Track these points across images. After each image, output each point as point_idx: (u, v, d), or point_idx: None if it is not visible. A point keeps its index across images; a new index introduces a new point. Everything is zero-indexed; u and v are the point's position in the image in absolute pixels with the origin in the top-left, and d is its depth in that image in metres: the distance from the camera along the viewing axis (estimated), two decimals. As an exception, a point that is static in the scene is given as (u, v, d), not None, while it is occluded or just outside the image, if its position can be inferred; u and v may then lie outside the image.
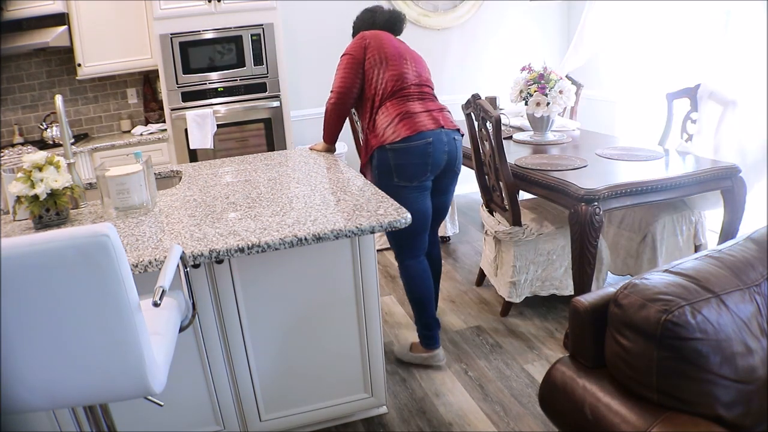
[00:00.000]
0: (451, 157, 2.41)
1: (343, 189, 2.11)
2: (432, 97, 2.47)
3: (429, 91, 2.48)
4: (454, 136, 2.41)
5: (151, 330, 1.29)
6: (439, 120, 2.36)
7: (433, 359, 2.56)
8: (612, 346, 1.40)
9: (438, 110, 2.41)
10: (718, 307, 1.32)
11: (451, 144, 2.38)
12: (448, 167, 2.44)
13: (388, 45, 2.43)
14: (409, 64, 2.44)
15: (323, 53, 4.38)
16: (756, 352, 1.34)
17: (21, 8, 3.58)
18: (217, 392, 2.00)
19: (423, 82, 2.46)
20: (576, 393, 1.44)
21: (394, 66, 2.40)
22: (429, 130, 2.31)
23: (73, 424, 1.77)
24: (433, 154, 2.33)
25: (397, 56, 2.42)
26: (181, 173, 2.57)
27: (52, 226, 1.94)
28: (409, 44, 2.57)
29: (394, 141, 2.30)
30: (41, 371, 1.17)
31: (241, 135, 3.95)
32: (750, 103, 3.02)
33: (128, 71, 4.00)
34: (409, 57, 2.47)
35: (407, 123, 2.31)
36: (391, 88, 2.38)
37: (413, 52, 2.53)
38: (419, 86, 2.43)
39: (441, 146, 2.34)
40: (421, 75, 2.47)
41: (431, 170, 2.37)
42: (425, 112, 2.36)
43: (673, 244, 2.90)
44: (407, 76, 2.41)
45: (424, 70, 2.51)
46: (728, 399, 1.29)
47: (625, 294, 1.38)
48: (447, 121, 2.39)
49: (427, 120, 2.34)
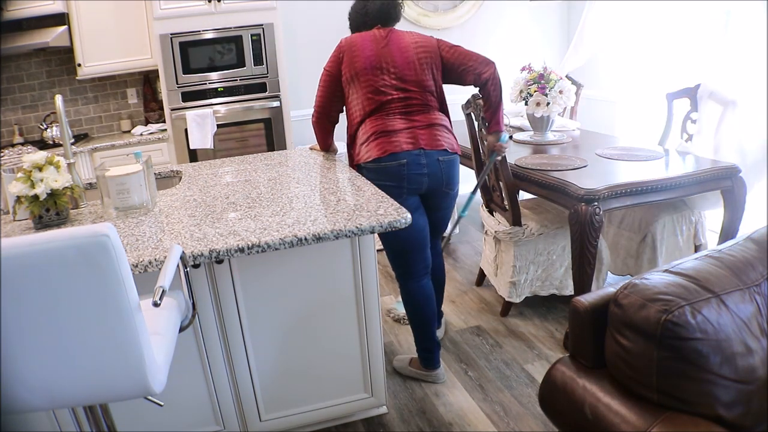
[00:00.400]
0: (434, 179, 2.24)
1: (343, 189, 2.11)
2: (421, 108, 2.26)
3: (418, 100, 2.26)
4: (439, 156, 2.21)
5: (151, 330, 1.29)
6: (419, 140, 2.19)
7: (431, 378, 2.47)
8: (612, 346, 1.40)
9: (424, 126, 2.23)
10: (718, 307, 1.32)
11: (433, 166, 2.21)
12: (433, 189, 2.28)
13: (360, 56, 2.25)
14: (385, 73, 2.23)
15: (323, 53, 4.31)
16: (756, 352, 1.34)
17: (21, 8, 3.58)
18: (217, 392, 2.00)
19: (410, 89, 2.25)
20: (576, 393, 1.44)
21: (366, 82, 2.23)
22: (403, 151, 2.17)
23: (73, 424, 1.77)
24: (408, 176, 2.19)
25: (368, 68, 2.23)
26: (181, 173, 2.57)
27: (52, 226, 1.94)
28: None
29: (366, 161, 2.22)
30: (41, 371, 1.17)
31: (241, 135, 3.95)
32: (750, 103, 3.01)
33: (128, 71, 4.00)
34: (391, 62, 2.24)
35: (380, 143, 2.19)
36: (370, 105, 2.24)
37: (405, 51, 2.27)
38: (405, 98, 2.24)
39: (418, 168, 2.19)
40: (408, 80, 2.24)
41: (408, 192, 2.23)
42: (406, 129, 2.20)
43: (673, 244, 2.90)
44: (385, 89, 2.23)
45: (417, 71, 2.25)
46: (728, 399, 1.29)
47: (625, 294, 1.38)
48: (431, 140, 2.21)
49: (404, 139, 2.18)
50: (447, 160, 2.24)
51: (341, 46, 2.32)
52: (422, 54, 2.28)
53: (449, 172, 2.27)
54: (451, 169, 2.28)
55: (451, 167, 2.28)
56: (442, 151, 2.22)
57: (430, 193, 2.30)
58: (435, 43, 2.32)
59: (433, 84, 2.29)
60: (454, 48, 2.31)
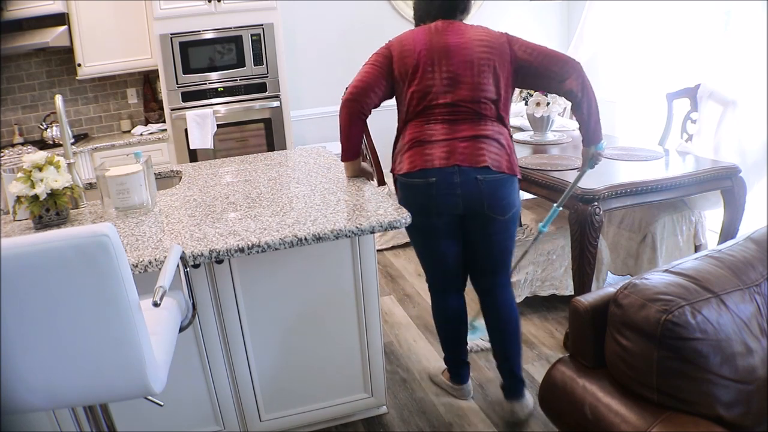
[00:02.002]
0: (471, 200, 1.93)
1: (343, 189, 2.11)
2: (470, 116, 1.94)
3: (468, 107, 1.94)
4: (478, 175, 1.90)
5: (151, 330, 1.29)
6: (456, 154, 1.90)
7: (456, 393, 2.36)
8: (612, 346, 1.40)
9: (467, 138, 1.92)
10: (718, 307, 1.32)
11: (469, 185, 1.90)
12: (473, 212, 1.97)
13: (410, 53, 1.96)
14: (436, 71, 1.93)
15: (323, 53, 4.38)
16: (756, 352, 1.34)
17: (21, 8, 3.58)
18: (217, 392, 2.00)
19: (461, 93, 1.93)
20: (576, 393, 1.44)
21: (414, 79, 1.95)
22: (434, 167, 1.90)
23: (73, 424, 1.77)
24: (437, 196, 1.93)
25: (419, 65, 1.94)
26: (181, 173, 2.57)
27: (52, 226, 1.94)
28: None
29: (398, 173, 2.01)
30: (41, 371, 1.17)
31: (241, 135, 3.95)
32: (750, 103, 3.01)
33: (128, 71, 4.00)
34: (444, 58, 1.93)
35: (413, 154, 1.95)
36: (414, 107, 1.97)
37: (464, 48, 1.94)
38: (453, 102, 1.93)
39: (449, 188, 1.91)
40: (461, 81, 1.92)
41: (437, 213, 1.97)
42: (444, 141, 1.92)
43: (673, 244, 2.90)
44: (432, 90, 1.94)
45: (474, 72, 1.92)
46: (728, 399, 1.29)
47: (625, 294, 1.38)
48: (470, 156, 1.90)
49: (439, 153, 1.91)
50: (489, 179, 1.91)
51: (389, 44, 2.04)
52: (485, 53, 1.94)
53: (494, 194, 1.93)
54: (496, 190, 1.93)
55: (497, 188, 1.93)
56: (483, 169, 1.90)
57: (470, 216, 1.99)
58: (505, 41, 1.97)
59: (493, 89, 1.94)
60: (532, 48, 1.95)
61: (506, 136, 2.00)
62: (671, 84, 3.43)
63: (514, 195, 1.99)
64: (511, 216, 2.01)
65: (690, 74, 3.51)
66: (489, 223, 1.99)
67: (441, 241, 2.05)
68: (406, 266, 3.66)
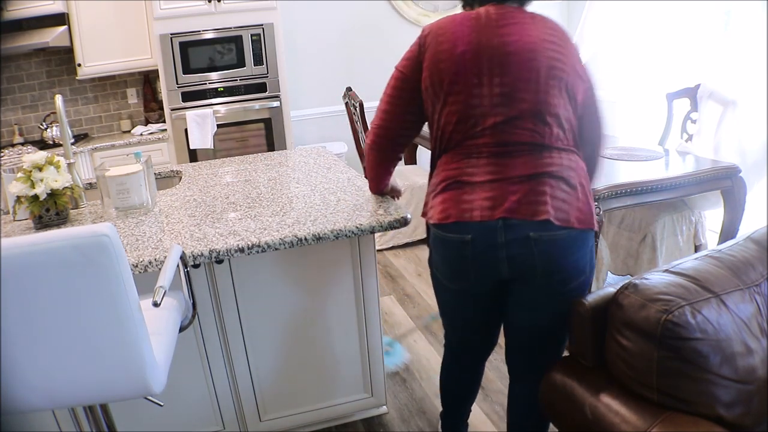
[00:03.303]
0: (519, 265, 1.43)
1: (343, 189, 2.11)
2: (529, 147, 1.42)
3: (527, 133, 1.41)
4: (531, 232, 1.39)
5: (151, 330, 1.29)
6: (503, 202, 1.39)
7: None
8: (612, 346, 1.40)
9: (521, 179, 1.40)
10: (718, 307, 1.32)
11: (518, 246, 1.40)
12: (521, 277, 1.47)
13: (448, 50, 1.42)
14: (484, 80, 1.40)
15: (323, 53, 4.38)
16: (756, 352, 1.34)
17: (21, 8, 3.58)
18: (217, 392, 2.00)
19: (518, 114, 1.40)
20: (576, 393, 1.44)
21: (452, 92, 1.43)
22: (472, 220, 1.41)
23: (73, 424, 1.77)
24: (473, 259, 1.45)
25: (460, 71, 1.41)
26: (181, 173, 2.57)
27: (52, 226, 1.94)
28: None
29: (429, 220, 1.54)
30: (41, 371, 1.17)
31: (241, 135, 3.95)
32: (750, 103, 3.01)
33: (128, 71, 4.00)
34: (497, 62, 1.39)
35: (446, 200, 1.47)
36: (452, 131, 1.46)
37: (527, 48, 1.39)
38: (505, 128, 1.41)
39: (489, 250, 1.42)
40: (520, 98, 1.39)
41: (474, 279, 1.50)
42: (489, 183, 1.42)
43: (673, 244, 2.90)
44: (477, 109, 1.41)
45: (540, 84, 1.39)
46: (728, 399, 1.29)
47: (625, 294, 1.38)
48: (524, 205, 1.39)
49: (479, 201, 1.41)
50: (547, 238, 1.39)
51: (423, 35, 1.49)
52: (556, 59, 1.40)
53: (552, 258, 1.42)
54: (557, 253, 1.42)
55: (558, 249, 1.41)
56: (542, 223, 1.38)
57: (518, 281, 1.50)
58: (572, 51, 1.45)
59: (565, 108, 1.44)
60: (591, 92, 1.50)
61: (580, 171, 1.47)
62: (671, 84, 3.43)
63: (584, 258, 1.46)
64: (575, 287, 1.48)
65: (690, 74, 3.51)
66: (540, 293, 1.50)
67: (471, 309, 1.63)
68: (406, 266, 3.66)
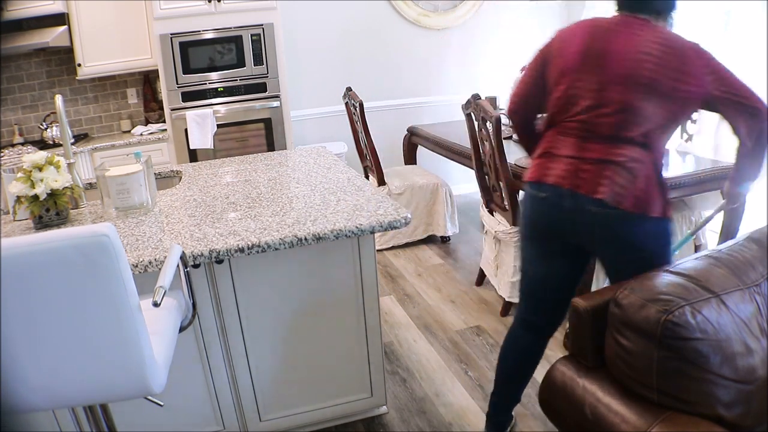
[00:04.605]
0: (580, 233, 1.71)
1: (343, 189, 2.11)
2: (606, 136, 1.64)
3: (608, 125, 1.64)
4: (591, 206, 1.62)
5: (151, 330, 1.29)
6: (576, 177, 1.66)
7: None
8: (612, 346, 1.40)
9: (593, 161, 1.65)
10: (718, 307, 1.33)
11: (580, 216, 1.66)
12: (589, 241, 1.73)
13: (562, 56, 1.73)
14: (586, 74, 1.66)
15: (323, 53, 4.38)
16: (756, 352, 1.34)
17: (21, 8, 3.58)
18: (217, 392, 2.00)
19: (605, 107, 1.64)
20: (576, 393, 1.44)
21: (565, 86, 1.71)
22: (547, 183, 1.71)
23: (73, 424, 1.77)
24: (546, 213, 1.75)
25: (572, 68, 1.69)
26: (181, 173, 2.57)
27: (52, 226, 1.94)
28: (408, 44, 1.97)
29: (523, 179, 1.84)
30: (41, 371, 1.17)
31: (241, 135, 3.95)
32: (750, 103, 3.01)
33: (128, 71, 4.00)
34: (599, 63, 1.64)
35: (538, 164, 1.78)
36: (555, 113, 1.76)
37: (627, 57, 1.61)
38: (593, 116, 1.66)
39: (556, 211, 1.71)
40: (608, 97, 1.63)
41: (542, 232, 1.81)
42: (569, 158, 1.69)
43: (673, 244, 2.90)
44: (577, 95, 1.68)
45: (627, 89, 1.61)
46: (728, 399, 1.29)
47: (625, 294, 1.39)
48: (588, 182, 1.63)
49: (558, 171, 1.70)
50: (603, 213, 1.62)
51: (557, 32, 1.80)
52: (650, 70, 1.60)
53: (605, 232, 1.67)
54: (609, 228, 1.65)
55: (610, 226, 1.64)
56: (598, 201, 1.62)
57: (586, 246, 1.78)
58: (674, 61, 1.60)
59: (647, 112, 1.62)
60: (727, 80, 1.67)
61: (648, 166, 1.64)
62: (671, 84, 3.43)
63: (638, 237, 1.66)
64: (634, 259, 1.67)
65: (690, 74, 3.51)
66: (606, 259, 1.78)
67: (545, 268, 1.83)
68: (406, 266, 3.66)
